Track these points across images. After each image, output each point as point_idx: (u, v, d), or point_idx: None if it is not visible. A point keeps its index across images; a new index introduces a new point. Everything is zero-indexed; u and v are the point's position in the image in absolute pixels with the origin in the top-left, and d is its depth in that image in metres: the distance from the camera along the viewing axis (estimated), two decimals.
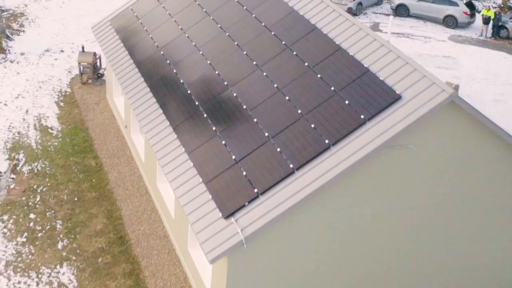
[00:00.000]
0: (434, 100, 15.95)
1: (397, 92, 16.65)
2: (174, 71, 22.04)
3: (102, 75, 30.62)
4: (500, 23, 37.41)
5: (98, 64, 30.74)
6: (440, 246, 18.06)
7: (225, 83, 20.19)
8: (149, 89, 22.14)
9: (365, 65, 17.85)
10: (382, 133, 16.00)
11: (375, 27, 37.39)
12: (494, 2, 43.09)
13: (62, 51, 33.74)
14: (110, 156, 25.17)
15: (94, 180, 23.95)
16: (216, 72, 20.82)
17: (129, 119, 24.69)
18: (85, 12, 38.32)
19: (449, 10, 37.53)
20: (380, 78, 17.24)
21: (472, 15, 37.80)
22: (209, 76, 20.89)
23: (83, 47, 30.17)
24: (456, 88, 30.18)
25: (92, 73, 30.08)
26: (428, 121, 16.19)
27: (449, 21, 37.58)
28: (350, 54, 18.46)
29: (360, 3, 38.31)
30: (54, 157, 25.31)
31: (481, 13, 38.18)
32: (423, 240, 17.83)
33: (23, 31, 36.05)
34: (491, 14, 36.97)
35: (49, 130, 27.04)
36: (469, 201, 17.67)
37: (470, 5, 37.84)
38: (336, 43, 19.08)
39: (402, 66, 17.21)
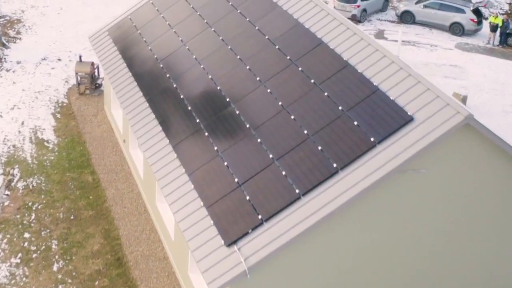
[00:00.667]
0: (448, 122, 15.11)
1: (408, 113, 15.80)
2: (174, 85, 21.20)
3: (100, 85, 29.77)
4: (508, 31, 36.53)
5: (96, 74, 29.88)
6: (452, 270, 17.24)
7: (227, 99, 19.35)
8: (148, 104, 21.31)
9: (374, 83, 17.00)
10: (394, 157, 15.16)
11: (380, 34, 36.53)
12: (501, 9, 42.23)
13: (59, 59, 32.88)
14: (108, 172, 24.33)
15: (91, 197, 23.11)
16: (218, 87, 19.98)
17: (128, 133, 23.84)
18: (83, 18, 37.43)
19: (456, 17, 36.63)
20: (391, 98, 16.39)
21: (479, 22, 36.92)
22: (210, 91, 20.05)
23: (80, 57, 29.33)
24: (464, 99, 29.37)
25: (90, 84, 29.23)
26: (441, 144, 15.35)
27: (456, 29, 36.68)
28: (359, 71, 17.62)
29: (364, 10, 37.43)
30: (50, 172, 24.48)
31: (488, 21, 37.31)
32: (435, 266, 16.99)
33: (20, 38, 35.20)
34: (498, 21, 36.11)
35: (45, 144, 26.21)
36: (483, 225, 16.84)
37: (477, 12, 36.95)
38: (344, 58, 18.24)
39: (414, 85, 16.37)
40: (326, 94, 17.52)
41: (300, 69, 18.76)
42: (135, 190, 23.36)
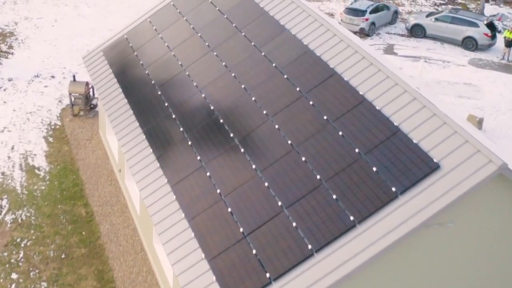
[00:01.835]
0: (479, 173, 13.47)
1: (434, 160, 14.17)
2: (173, 116, 19.56)
3: (95, 106, 28.14)
4: None
5: (91, 93, 28.24)
6: None
7: (231, 134, 17.72)
8: (144, 136, 19.66)
9: (395, 123, 15.37)
10: (418, 211, 13.52)
11: (390, 49, 34.84)
12: None
13: (53, 76, 31.23)
14: (102, 204, 22.69)
15: (84, 233, 21.47)
16: (221, 120, 18.34)
17: (123, 163, 22.21)
18: (79, 31, 35.79)
19: (469, 31, 34.92)
20: (414, 141, 14.75)
21: (493, 37, 35.22)
22: (213, 125, 18.41)
23: (74, 76, 27.63)
24: (481, 121, 27.75)
25: (84, 105, 27.59)
26: (471, 195, 13.72)
27: (469, 43, 34.99)
28: (377, 108, 15.97)
29: (373, 23, 35.71)
30: (41, 204, 22.83)
31: (503, 35, 35.61)
32: None
33: (12, 53, 33.52)
34: None
35: (36, 171, 24.56)
36: None
37: (491, 26, 35.26)
38: (360, 93, 16.60)
39: (440, 127, 14.72)
40: (340, 133, 15.88)
41: (311, 103, 17.12)
42: (131, 225, 21.72)
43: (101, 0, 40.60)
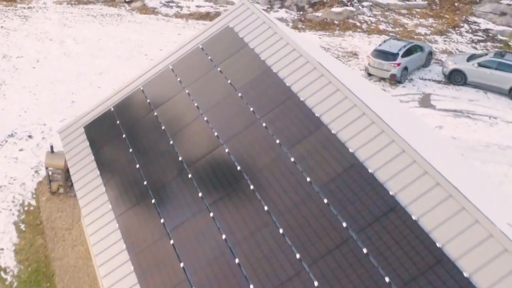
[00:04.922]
0: None
1: None
2: (171, 241, 14.65)
3: None
4: None
5: None
6: None
7: (244, 272, 12.82)
8: (131, 262, 14.77)
9: (465, 274, 10.51)
10: None
11: (426, 100, 29.80)
12: None
13: (30, 136, 26.29)
14: None
15: None
16: (236, 260, 13.43)
17: None
18: (63, 75, 30.80)
19: None
20: None
21: None
22: (219, 256, 13.51)
23: (51, 147, 22.66)
24: None
25: (65, 181, 22.68)
26: None
27: None
28: (438, 245, 11.07)
29: (405, 68, 30.73)
30: None
31: None
32: None
33: None
34: None
35: (2, 274, 19.70)
36: None
37: None
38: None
39: None
40: (387, 280, 11.01)
41: (365, 251, 12.19)
42: None
43: (90, 33, 35.70)
